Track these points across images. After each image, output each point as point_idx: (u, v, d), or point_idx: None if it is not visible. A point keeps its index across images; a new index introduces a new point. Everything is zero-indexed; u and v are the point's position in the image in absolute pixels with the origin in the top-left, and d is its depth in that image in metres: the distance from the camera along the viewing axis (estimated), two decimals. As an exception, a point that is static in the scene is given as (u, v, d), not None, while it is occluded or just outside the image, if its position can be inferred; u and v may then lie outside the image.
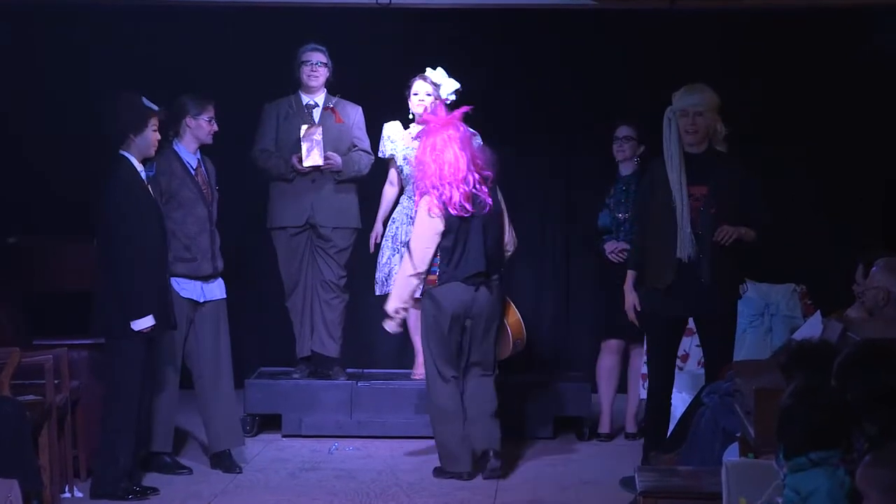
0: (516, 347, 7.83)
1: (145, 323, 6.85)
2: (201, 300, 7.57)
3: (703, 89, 6.94)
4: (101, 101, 7.12)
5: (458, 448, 7.44)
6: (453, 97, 8.27)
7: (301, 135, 8.18)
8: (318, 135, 8.18)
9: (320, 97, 8.41)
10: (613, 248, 8.14)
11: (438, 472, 7.50)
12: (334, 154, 8.25)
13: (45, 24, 9.15)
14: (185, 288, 7.47)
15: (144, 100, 6.99)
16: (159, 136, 7.04)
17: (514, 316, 7.80)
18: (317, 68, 8.34)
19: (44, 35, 9.20)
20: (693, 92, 6.92)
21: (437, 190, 7.36)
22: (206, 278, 7.56)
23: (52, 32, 9.16)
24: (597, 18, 9.28)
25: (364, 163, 8.39)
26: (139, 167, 6.96)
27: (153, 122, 6.96)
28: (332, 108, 8.38)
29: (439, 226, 7.38)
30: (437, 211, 7.37)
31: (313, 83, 8.36)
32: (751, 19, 9.11)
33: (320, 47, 8.37)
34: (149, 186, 7.03)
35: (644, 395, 7.69)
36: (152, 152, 7.03)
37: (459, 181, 7.37)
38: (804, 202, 9.12)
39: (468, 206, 7.37)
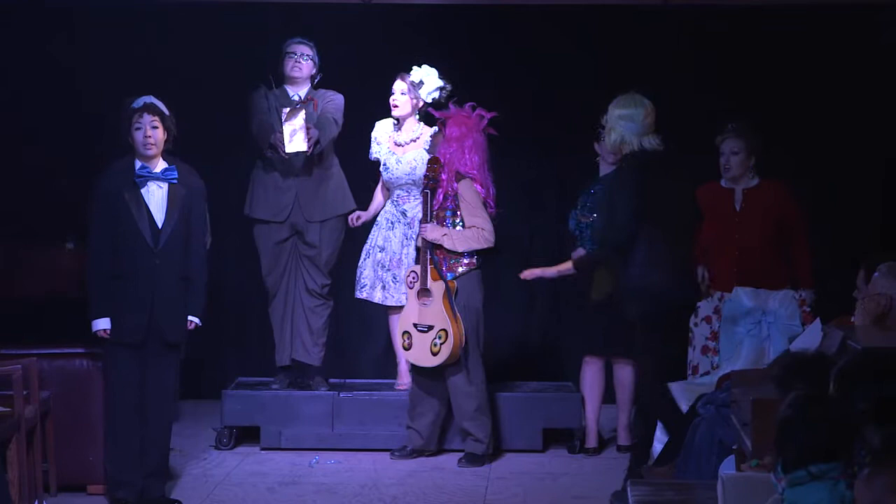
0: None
1: (99, 325, 6.95)
2: None
3: (625, 104, 7.02)
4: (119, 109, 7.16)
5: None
6: (436, 95, 8.29)
7: (283, 119, 8.17)
8: (299, 119, 8.17)
9: (304, 91, 8.41)
10: None
11: None
12: (311, 128, 8.22)
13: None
14: None
15: (142, 99, 6.97)
16: (149, 135, 6.91)
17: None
18: (301, 60, 8.37)
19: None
20: (613, 106, 7.05)
21: (480, 185, 8.10)
22: None
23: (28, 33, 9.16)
24: (588, 14, 9.29)
25: (331, 125, 8.35)
26: (138, 166, 6.96)
27: (135, 121, 6.93)
28: (312, 98, 8.37)
29: None
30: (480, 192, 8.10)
31: (296, 74, 8.37)
32: (745, 16, 9.13)
33: (306, 41, 8.41)
34: (150, 189, 7.00)
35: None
36: (144, 152, 6.94)
37: (490, 183, 8.18)
38: (800, 204, 9.13)
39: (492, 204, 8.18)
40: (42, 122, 9.04)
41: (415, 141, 8.35)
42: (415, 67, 8.29)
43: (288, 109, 8.18)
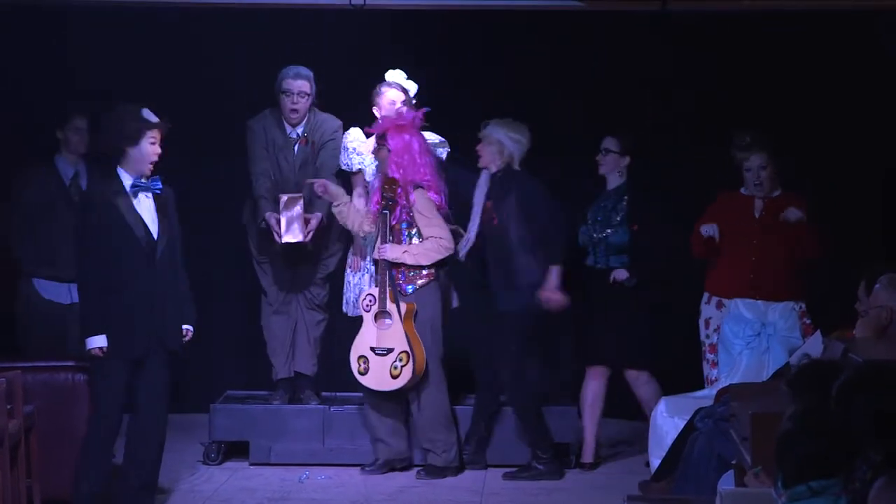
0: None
1: (96, 342, 6.81)
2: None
3: (516, 129, 8.09)
4: (102, 115, 7.11)
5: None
6: (413, 101, 8.27)
7: (280, 206, 8.05)
8: (299, 207, 8.08)
9: (300, 128, 8.33)
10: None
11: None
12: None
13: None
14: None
15: (144, 111, 6.92)
16: (159, 151, 6.89)
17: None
18: (298, 99, 8.25)
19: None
20: (503, 128, 8.07)
21: (434, 191, 8.03)
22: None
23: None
24: (584, 20, 9.28)
25: (334, 162, 8.36)
26: (128, 183, 6.87)
27: (151, 135, 6.88)
28: (309, 139, 8.29)
29: None
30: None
31: (294, 117, 8.28)
32: (743, 21, 9.13)
33: (304, 72, 8.28)
34: (140, 200, 6.93)
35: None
36: (147, 167, 6.88)
37: (443, 183, 8.08)
38: (814, 224, 9.12)
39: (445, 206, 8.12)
40: (41, 122, 9.02)
41: None
42: (390, 71, 8.24)
43: (286, 199, 8.04)
